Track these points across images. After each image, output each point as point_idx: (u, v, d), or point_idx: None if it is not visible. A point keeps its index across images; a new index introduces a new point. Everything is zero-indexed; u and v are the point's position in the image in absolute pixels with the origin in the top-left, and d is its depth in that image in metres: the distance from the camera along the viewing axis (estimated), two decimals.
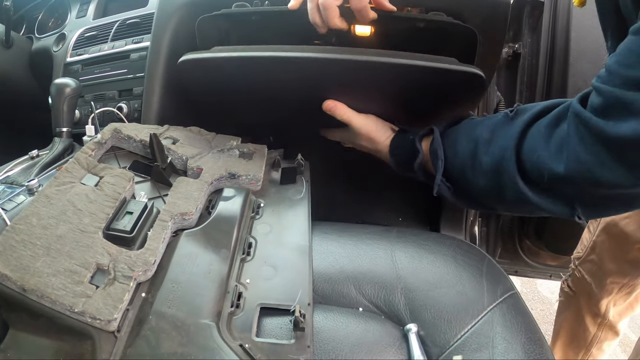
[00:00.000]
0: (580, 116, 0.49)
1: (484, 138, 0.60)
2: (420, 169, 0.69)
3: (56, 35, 1.20)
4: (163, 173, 0.64)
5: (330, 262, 0.59)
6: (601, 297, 1.07)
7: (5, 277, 0.44)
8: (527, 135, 0.55)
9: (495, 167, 0.58)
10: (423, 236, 0.63)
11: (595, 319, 1.12)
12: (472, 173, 0.62)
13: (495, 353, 0.49)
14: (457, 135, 0.65)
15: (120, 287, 0.46)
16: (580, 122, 0.49)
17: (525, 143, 0.55)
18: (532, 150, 0.54)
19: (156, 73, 0.90)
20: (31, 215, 0.51)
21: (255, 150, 0.72)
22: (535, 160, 0.53)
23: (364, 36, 0.76)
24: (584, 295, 1.11)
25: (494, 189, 0.59)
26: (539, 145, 0.53)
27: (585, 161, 0.48)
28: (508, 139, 0.56)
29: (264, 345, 0.46)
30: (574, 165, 0.49)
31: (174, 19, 0.91)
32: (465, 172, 0.63)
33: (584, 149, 0.48)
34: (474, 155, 0.61)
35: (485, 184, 0.60)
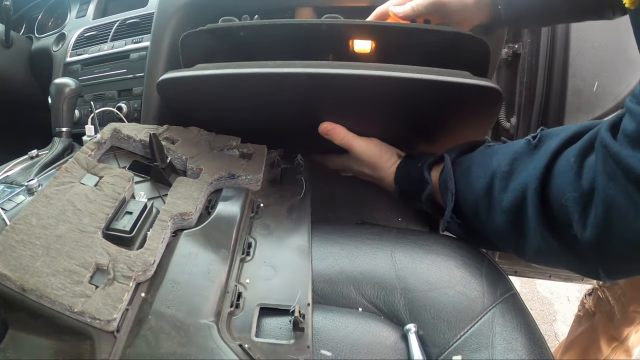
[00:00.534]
0: (609, 148, 0.40)
1: (502, 171, 0.52)
2: (428, 200, 0.63)
3: (56, 35, 1.20)
4: (163, 173, 0.64)
5: (330, 263, 0.59)
6: (622, 323, 1.04)
7: (4, 277, 0.44)
8: (553, 170, 0.46)
9: (515, 208, 0.49)
10: (423, 236, 0.63)
11: (611, 342, 1.09)
12: (487, 211, 0.54)
13: (494, 353, 0.49)
14: (471, 164, 0.58)
15: (120, 287, 0.46)
16: (608, 154, 0.40)
17: (552, 180, 0.46)
18: (559, 190, 0.45)
19: (156, 73, 0.90)
20: (31, 215, 0.51)
21: (255, 151, 0.72)
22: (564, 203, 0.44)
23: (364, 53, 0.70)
24: (604, 317, 1.08)
25: (513, 234, 0.51)
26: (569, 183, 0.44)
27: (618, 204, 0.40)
28: (530, 173, 0.48)
29: (263, 346, 0.46)
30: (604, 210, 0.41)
31: (173, 19, 0.91)
32: (479, 210, 0.55)
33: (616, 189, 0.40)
34: (490, 191, 0.53)
35: (503, 226, 0.52)
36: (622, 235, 0.41)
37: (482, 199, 0.55)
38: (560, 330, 1.69)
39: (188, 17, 0.91)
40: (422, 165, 0.63)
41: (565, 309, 1.80)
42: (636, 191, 0.38)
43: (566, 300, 1.84)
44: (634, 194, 0.38)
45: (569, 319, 1.73)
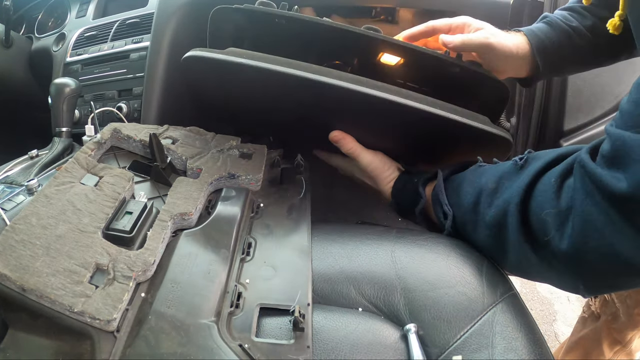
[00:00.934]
0: (586, 167, 0.43)
1: (489, 188, 0.55)
2: (421, 214, 0.67)
3: (56, 35, 1.20)
4: (162, 173, 0.64)
5: (330, 263, 0.59)
6: (627, 326, 1.04)
7: (4, 277, 0.44)
8: (535, 188, 0.50)
9: (497, 222, 0.53)
10: (423, 236, 0.63)
11: (614, 345, 1.09)
12: (472, 227, 0.58)
13: (494, 353, 0.49)
14: (461, 181, 0.61)
15: (120, 287, 0.46)
16: (586, 174, 0.43)
17: (533, 197, 0.49)
18: (539, 207, 0.48)
19: (156, 73, 0.90)
20: (30, 215, 0.51)
21: (255, 151, 0.72)
22: (543, 217, 0.47)
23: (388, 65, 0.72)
24: (609, 319, 1.08)
25: (495, 249, 0.55)
26: (548, 201, 0.47)
27: (594, 220, 0.42)
28: (514, 190, 0.51)
29: (263, 346, 0.46)
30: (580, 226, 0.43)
31: (173, 19, 0.91)
32: (466, 225, 0.59)
33: (592, 206, 0.42)
34: (477, 206, 0.57)
35: (486, 240, 0.56)
36: (599, 248, 0.42)
37: (468, 215, 0.58)
38: (560, 331, 1.69)
39: (188, 17, 0.91)
40: (418, 181, 0.66)
41: (565, 309, 1.79)
42: (611, 207, 0.41)
43: (566, 300, 1.84)
44: (609, 210, 0.41)
45: (569, 319, 1.73)
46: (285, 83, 0.61)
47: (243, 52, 0.61)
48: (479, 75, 0.68)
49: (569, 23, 0.74)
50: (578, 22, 0.74)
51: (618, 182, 0.40)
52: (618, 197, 0.40)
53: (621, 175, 0.40)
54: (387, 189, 0.71)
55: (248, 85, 0.67)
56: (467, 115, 0.61)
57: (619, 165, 0.41)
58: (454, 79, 0.69)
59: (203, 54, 0.62)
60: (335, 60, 0.73)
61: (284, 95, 0.67)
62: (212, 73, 0.66)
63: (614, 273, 0.44)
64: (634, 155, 0.40)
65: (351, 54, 0.74)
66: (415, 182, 0.67)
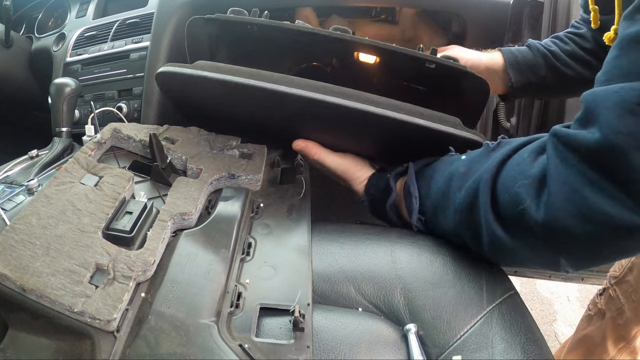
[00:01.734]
0: (559, 134, 0.44)
1: (459, 172, 0.55)
2: (392, 209, 0.66)
3: (56, 35, 1.20)
4: (162, 173, 0.64)
5: (330, 262, 0.59)
6: (632, 321, 1.04)
7: (4, 277, 0.45)
8: (506, 164, 0.49)
9: (468, 204, 0.52)
10: (422, 236, 0.63)
11: (618, 342, 1.09)
12: (443, 213, 0.57)
13: (494, 353, 0.49)
14: (432, 172, 0.61)
15: (120, 287, 0.46)
16: (559, 140, 0.43)
17: (504, 172, 0.49)
18: (511, 179, 0.47)
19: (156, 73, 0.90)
20: (30, 215, 0.51)
21: (255, 151, 0.72)
22: (515, 191, 0.46)
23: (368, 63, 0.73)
24: (613, 315, 1.08)
25: (468, 232, 0.54)
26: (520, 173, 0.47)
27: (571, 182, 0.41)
28: (485, 170, 0.50)
29: (263, 346, 0.46)
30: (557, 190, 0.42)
31: (173, 19, 0.91)
32: (437, 214, 0.59)
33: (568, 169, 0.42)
34: (447, 193, 0.56)
35: (458, 226, 0.55)
36: (579, 212, 0.41)
37: (439, 202, 0.57)
38: (560, 330, 1.69)
39: (188, 17, 0.91)
40: (389, 175, 0.66)
41: (565, 309, 1.79)
42: (588, 167, 0.40)
43: (566, 300, 1.84)
44: (586, 170, 0.40)
45: (569, 319, 1.73)
46: (249, 93, 0.63)
47: (209, 65, 0.63)
48: (455, 70, 0.67)
49: (548, 47, 0.83)
50: (557, 47, 0.82)
51: (592, 135, 0.40)
52: (593, 150, 0.40)
53: (594, 128, 0.40)
54: (360, 189, 0.71)
55: (218, 96, 0.70)
56: (435, 119, 0.61)
57: (592, 120, 0.41)
58: (432, 76, 0.69)
59: (171, 69, 0.65)
60: (313, 61, 0.74)
61: (251, 105, 0.69)
62: (183, 86, 0.69)
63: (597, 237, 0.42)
64: (605, 104, 0.40)
65: (328, 55, 0.75)
66: (387, 177, 0.66)
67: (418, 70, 0.69)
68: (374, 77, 0.76)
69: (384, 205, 0.66)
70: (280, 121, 0.72)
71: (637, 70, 0.40)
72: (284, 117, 0.70)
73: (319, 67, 0.76)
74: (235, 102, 0.70)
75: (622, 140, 0.38)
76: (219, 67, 0.63)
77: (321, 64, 0.76)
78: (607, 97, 0.40)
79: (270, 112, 0.70)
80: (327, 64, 0.77)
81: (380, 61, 0.71)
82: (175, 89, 0.73)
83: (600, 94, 0.41)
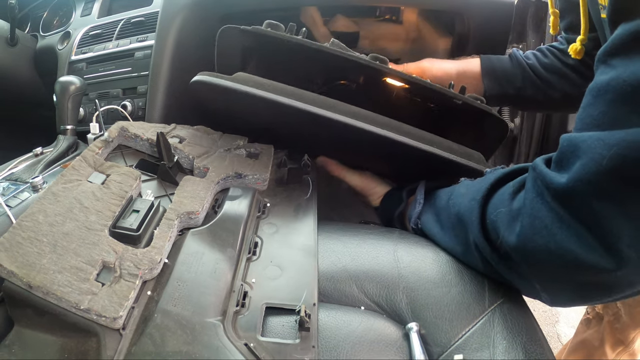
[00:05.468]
0: (537, 169, 0.46)
1: (459, 192, 0.59)
2: (399, 218, 0.69)
3: (61, 33, 1.20)
4: (169, 172, 0.65)
5: (333, 261, 0.59)
6: (629, 325, 1.04)
7: (11, 274, 0.45)
8: (495, 192, 0.52)
9: (459, 220, 0.56)
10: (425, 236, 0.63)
11: (616, 346, 1.09)
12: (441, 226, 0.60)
13: (496, 353, 0.49)
14: (439, 191, 0.65)
15: (126, 285, 0.46)
16: (537, 175, 0.45)
17: (491, 200, 0.52)
18: (494, 207, 0.51)
19: (161, 72, 0.91)
20: (38, 212, 0.51)
21: (262, 150, 0.72)
22: (494, 218, 0.50)
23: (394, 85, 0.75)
24: (610, 319, 1.08)
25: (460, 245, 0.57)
26: (502, 203, 0.50)
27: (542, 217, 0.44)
28: (476, 191, 0.54)
29: (268, 345, 0.46)
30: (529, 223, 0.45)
31: (178, 18, 0.91)
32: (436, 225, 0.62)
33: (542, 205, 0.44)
34: (447, 208, 0.59)
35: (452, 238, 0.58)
36: (547, 246, 0.44)
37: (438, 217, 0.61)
38: (562, 332, 1.69)
39: (193, 16, 0.91)
40: (404, 190, 0.71)
41: (568, 310, 1.79)
42: (560, 206, 0.42)
43: None
44: (558, 209, 0.42)
45: (571, 321, 1.72)
46: (286, 111, 0.63)
47: (249, 79, 0.62)
48: (479, 110, 0.70)
49: (527, 60, 0.87)
50: (535, 60, 0.86)
51: (560, 178, 0.42)
52: (560, 192, 0.42)
53: (565, 172, 0.42)
54: (376, 204, 0.75)
55: (252, 109, 0.69)
56: (463, 155, 0.64)
57: (565, 164, 0.43)
58: (456, 109, 0.72)
59: (210, 79, 0.63)
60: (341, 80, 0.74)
61: (283, 121, 0.70)
62: (218, 96, 0.68)
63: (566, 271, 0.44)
64: (576, 152, 0.42)
65: (357, 75, 0.76)
66: (401, 192, 0.71)
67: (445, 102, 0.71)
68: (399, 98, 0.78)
69: (392, 213, 0.70)
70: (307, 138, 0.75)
71: (606, 121, 0.41)
72: (313, 135, 0.72)
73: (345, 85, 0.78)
74: (269, 118, 0.71)
75: (585, 188, 0.40)
76: (262, 84, 0.62)
77: (348, 82, 0.77)
78: (577, 144, 0.42)
79: (302, 131, 0.72)
80: (353, 82, 0.78)
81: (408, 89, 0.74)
82: (208, 99, 0.73)
83: (573, 141, 0.43)
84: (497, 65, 0.87)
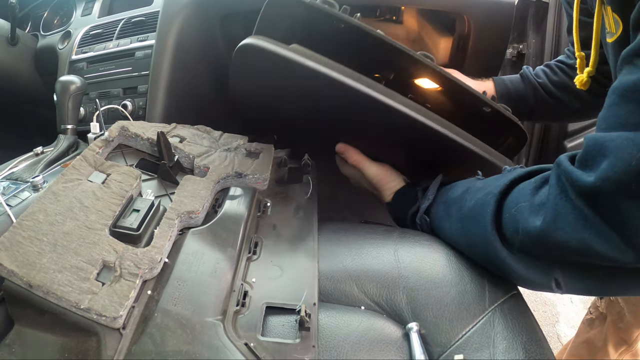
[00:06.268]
0: (561, 166, 0.46)
1: (475, 186, 0.59)
2: (411, 217, 0.68)
3: (61, 32, 1.20)
4: (170, 171, 0.65)
5: (333, 261, 0.59)
6: (632, 324, 1.04)
7: (11, 273, 0.45)
8: (514, 189, 0.52)
9: (472, 212, 0.55)
10: (426, 236, 0.63)
11: (619, 346, 1.08)
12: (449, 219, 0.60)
13: (496, 353, 0.49)
14: (455, 184, 0.65)
15: (126, 285, 0.46)
16: (562, 172, 0.45)
17: (510, 195, 0.52)
18: (514, 202, 0.51)
19: (161, 71, 0.91)
20: (38, 212, 0.51)
21: (262, 150, 0.72)
22: (514, 212, 0.49)
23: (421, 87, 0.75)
24: (614, 318, 1.07)
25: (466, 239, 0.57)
26: (523, 197, 0.50)
27: (566, 214, 0.44)
28: (494, 186, 0.54)
29: (269, 345, 0.46)
30: (552, 219, 0.45)
31: (178, 18, 0.91)
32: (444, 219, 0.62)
33: (566, 201, 0.44)
34: (460, 200, 0.59)
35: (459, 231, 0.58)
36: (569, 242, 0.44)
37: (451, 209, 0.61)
38: (562, 332, 1.69)
39: (193, 16, 0.91)
40: (419, 188, 0.70)
41: (568, 310, 1.79)
42: (584, 204, 0.42)
43: (569, 302, 1.83)
44: (583, 207, 0.42)
45: (571, 321, 1.72)
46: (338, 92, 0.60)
47: (308, 53, 0.58)
48: (506, 118, 0.71)
49: (537, 79, 0.89)
50: (546, 78, 0.89)
51: (587, 177, 0.42)
52: (587, 191, 0.42)
53: (591, 172, 0.42)
54: (388, 198, 0.73)
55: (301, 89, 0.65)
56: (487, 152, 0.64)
57: (591, 164, 0.43)
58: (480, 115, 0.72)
59: (269, 46, 0.58)
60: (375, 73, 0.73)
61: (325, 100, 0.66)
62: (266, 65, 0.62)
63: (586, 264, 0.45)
64: (603, 152, 0.42)
65: (391, 69, 0.74)
66: (416, 190, 0.69)
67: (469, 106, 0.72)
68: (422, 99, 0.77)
69: (406, 212, 0.69)
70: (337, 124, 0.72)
71: (633, 121, 0.41)
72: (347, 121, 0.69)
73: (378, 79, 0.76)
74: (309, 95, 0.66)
75: (613, 188, 0.40)
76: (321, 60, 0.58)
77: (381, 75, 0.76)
78: (604, 144, 0.42)
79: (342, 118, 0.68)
80: (384, 77, 0.77)
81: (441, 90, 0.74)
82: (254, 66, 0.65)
83: (599, 140, 0.43)
84: (510, 87, 0.90)
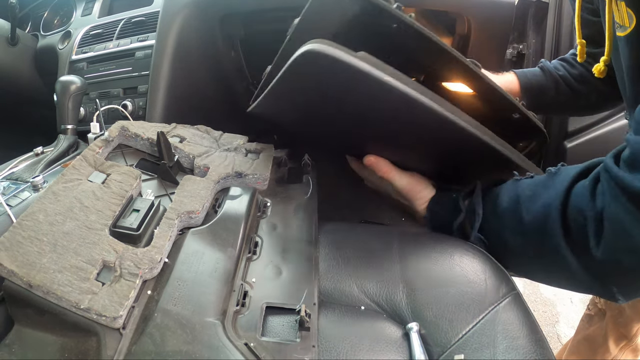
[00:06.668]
0: (611, 172, 0.46)
1: (525, 195, 0.57)
2: (459, 229, 0.66)
3: (61, 33, 1.21)
4: (170, 171, 0.65)
5: (333, 261, 0.59)
6: (632, 319, 1.04)
7: (11, 273, 0.45)
8: (572, 193, 0.52)
9: (538, 227, 0.54)
10: (426, 236, 0.63)
11: (619, 341, 1.09)
12: (511, 231, 0.59)
13: (496, 353, 0.49)
14: (498, 192, 0.62)
15: (126, 284, 0.46)
16: (611, 178, 0.46)
17: (571, 201, 0.51)
18: (578, 211, 0.50)
19: (161, 71, 0.91)
20: (38, 212, 0.51)
21: (262, 150, 0.72)
22: (582, 222, 0.49)
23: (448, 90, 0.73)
24: (614, 314, 1.08)
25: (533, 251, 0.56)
26: (585, 204, 0.49)
27: (621, 220, 0.44)
28: (553, 196, 0.53)
29: (269, 345, 0.46)
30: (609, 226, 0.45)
31: (178, 18, 0.91)
32: (504, 232, 0.60)
33: (619, 207, 0.44)
34: (514, 213, 0.58)
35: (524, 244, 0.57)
36: (630, 250, 0.44)
37: (506, 222, 0.59)
38: (562, 332, 1.69)
39: (193, 16, 0.91)
40: (457, 196, 0.67)
41: (568, 310, 1.79)
42: (635, 208, 0.43)
43: (569, 302, 1.83)
44: (633, 210, 0.43)
45: (571, 321, 1.72)
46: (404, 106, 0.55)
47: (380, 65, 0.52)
48: (532, 123, 0.71)
49: (557, 72, 0.89)
50: (565, 71, 0.88)
51: (638, 181, 0.42)
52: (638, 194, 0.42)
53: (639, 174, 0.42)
54: (421, 205, 0.71)
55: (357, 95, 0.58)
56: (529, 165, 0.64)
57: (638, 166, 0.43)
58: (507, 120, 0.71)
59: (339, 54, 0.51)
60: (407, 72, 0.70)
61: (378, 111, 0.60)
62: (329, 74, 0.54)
63: None
64: None
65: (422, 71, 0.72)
66: (455, 197, 0.67)
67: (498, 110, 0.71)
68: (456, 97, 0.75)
69: (450, 224, 0.66)
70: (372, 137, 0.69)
71: None
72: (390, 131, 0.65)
73: None
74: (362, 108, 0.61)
75: None
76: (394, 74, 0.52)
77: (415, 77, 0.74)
78: None
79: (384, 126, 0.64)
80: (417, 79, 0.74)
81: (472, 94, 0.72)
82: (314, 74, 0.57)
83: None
84: (533, 80, 0.89)
